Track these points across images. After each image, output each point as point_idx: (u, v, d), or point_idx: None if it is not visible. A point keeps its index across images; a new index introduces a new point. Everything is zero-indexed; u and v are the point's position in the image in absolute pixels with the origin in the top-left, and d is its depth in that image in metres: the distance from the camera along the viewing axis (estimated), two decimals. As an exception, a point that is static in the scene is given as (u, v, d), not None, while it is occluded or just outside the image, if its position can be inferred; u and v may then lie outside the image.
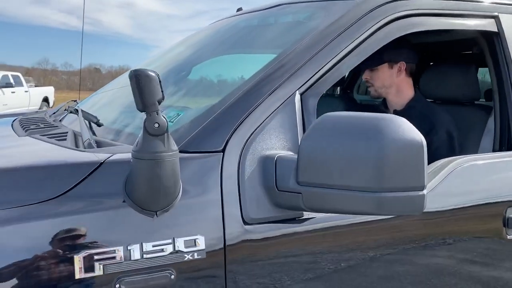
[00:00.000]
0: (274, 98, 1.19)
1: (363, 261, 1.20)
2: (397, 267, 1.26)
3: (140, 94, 0.91)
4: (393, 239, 1.25)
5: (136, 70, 0.91)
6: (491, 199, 1.41)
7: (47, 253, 0.90)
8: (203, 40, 2.01)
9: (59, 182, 0.96)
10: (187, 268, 1.00)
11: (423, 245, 1.29)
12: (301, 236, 1.14)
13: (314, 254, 1.15)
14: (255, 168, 1.11)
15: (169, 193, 0.97)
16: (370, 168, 0.95)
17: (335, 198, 0.99)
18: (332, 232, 1.18)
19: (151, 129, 0.92)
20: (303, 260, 1.14)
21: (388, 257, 1.24)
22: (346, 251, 1.19)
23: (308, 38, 1.30)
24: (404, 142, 0.94)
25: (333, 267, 1.18)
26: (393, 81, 1.86)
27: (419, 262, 1.29)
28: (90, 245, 0.93)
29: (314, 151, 1.00)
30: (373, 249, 1.22)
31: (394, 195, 0.95)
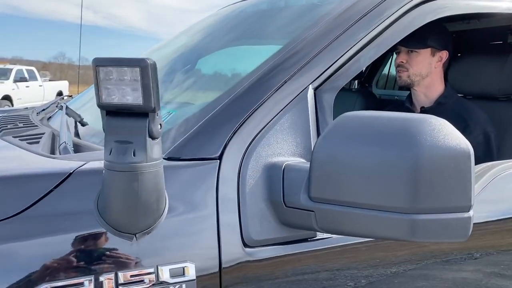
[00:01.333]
0: (283, 94, 0.99)
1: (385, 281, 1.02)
2: (420, 282, 1.08)
3: (153, 88, 0.71)
4: (414, 254, 1.06)
5: (147, 58, 0.72)
6: None
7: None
8: (210, 29, 1.81)
9: (14, 199, 0.78)
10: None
11: (447, 260, 1.12)
12: (314, 258, 0.95)
13: (329, 278, 0.96)
14: (258, 179, 0.92)
15: (150, 212, 0.79)
16: (401, 183, 0.75)
17: (356, 219, 0.80)
18: (350, 248, 0.99)
19: (156, 132, 0.73)
20: (316, 285, 0.95)
21: (411, 272, 1.05)
22: (365, 268, 1.00)
23: (323, 24, 1.10)
24: (445, 150, 0.74)
25: (352, 287, 0.99)
26: (430, 71, 1.64)
27: (444, 277, 1.11)
28: (51, 276, 0.75)
29: (330, 159, 0.81)
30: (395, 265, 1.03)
31: (432, 217, 0.75)
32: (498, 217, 1.19)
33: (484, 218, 1.16)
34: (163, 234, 0.82)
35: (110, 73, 0.72)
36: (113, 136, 0.76)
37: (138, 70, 0.70)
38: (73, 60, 54.35)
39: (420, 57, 1.64)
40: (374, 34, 1.10)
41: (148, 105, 0.71)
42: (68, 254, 0.77)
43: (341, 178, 0.80)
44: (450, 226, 0.75)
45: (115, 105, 0.74)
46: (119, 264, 0.79)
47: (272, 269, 0.91)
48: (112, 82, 0.72)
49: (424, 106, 1.68)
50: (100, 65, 0.72)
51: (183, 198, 0.87)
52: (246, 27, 1.62)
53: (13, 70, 14.55)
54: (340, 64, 1.05)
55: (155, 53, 1.86)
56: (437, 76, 1.66)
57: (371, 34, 1.10)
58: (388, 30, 1.12)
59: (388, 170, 0.76)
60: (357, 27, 1.10)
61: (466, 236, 0.76)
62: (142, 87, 0.70)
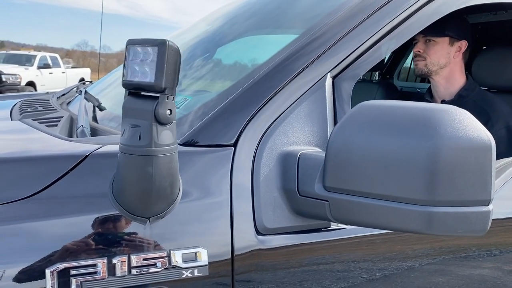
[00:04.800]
0: (300, 82, 0.98)
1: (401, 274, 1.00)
2: (437, 277, 1.06)
3: (165, 70, 0.71)
4: (432, 248, 1.04)
5: (167, 40, 0.72)
6: None
7: (11, 265, 0.73)
8: (229, 16, 1.79)
9: (31, 180, 0.79)
10: (185, 287, 0.82)
11: (465, 256, 1.10)
12: (328, 248, 0.94)
13: (343, 269, 0.95)
14: (273, 167, 0.91)
15: (164, 196, 0.79)
16: (419, 174, 0.73)
17: (371, 210, 0.78)
18: (366, 240, 0.97)
19: (164, 116, 0.73)
20: (329, 276, 0.94)
21: (427, 267, 1.04)
22: (381, 261, 0.98)
23: (344, 11, 1.07)
24: (466, 142, 0.72)
25: (366, 279, 0.98)
26: (449, 61, 1.60)
27: (461, 273, 1.10)
28: (65, 257, 0.76)
29: (347, 148, 0.79)
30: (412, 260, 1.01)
31: (450, 210, 0.73)
32: None
33: (505, 215, 1.13)
34: (176, 219, 0.82)
35: (137, 54, 0.73)
36: (129, 119, 0.76)
37: (156, 48, 0.70)
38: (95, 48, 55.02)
39: (438, 46, 1.59)
40: (396, 22, 1.08)
41: (158, 84, 0.71)
42: (82, 236, 0.78)
43: (357, 168, 0.78)
44: (468, 220, 0.73)
45: (135, 84, 0.74)
46: (132, 247, 0.79)
47: (285, 257, 0.90)
48: (137, 62, 0.73)
49: (445, 99, 1.64)
50: (130, 44, 0.73)
51: (197, 183, 0.86)
52: (265, 14, 1.60)
53: (37, 57, 14.82)
54: (360, 52, 1.03)
55: (174, 40, 1.85)
56: (457, 68, 1.62)
57: (393, 22, 1.07)
58: (411, 19, 1.09)
59: (405, 160, 0.74)
60: (379, 15, 1.07)
61: (484, 230, 0.74)
62: (156, 64, 0.70)
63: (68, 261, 0.76)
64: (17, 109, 1.34)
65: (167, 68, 0.70)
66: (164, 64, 0.70)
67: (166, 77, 0.70)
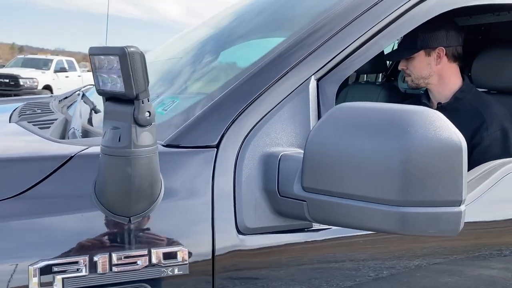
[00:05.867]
0: (284, 84, 0.99)
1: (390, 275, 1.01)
2: (445, 278, 1.07)
3: (133, 76, 0.73)
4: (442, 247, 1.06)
5: (128, 46, 0.74)
6: None
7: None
8: (228, 20, 1.81)
9: (17, 180, 0.82)
10: (165, 285, 0.84)
11: (471, 256, 1.10)
12: (310, 248, 0.95)
13: (326, 269, 0.96)
14: (255, 168, 0.93)
15: (144, 196, 0.81)
16: (392, 175, 0.74)
17: (346, 210, 0.79)
18: (349, 241, 0.98)
19: (143, 119, 0.75)
20: (311, 276, 0.95)
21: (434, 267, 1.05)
22: (365, 261, 0.99)
23: (329, 14, 1.08)
24: (437, 143, 0.72)
25: (351, 280, 0.98)
26: (432, 70, 1.60)
27: (469, 273, 1.11)
28: (48, 254, 0.78)
29: (323, 149, 0.80)
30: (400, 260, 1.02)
31: (422, 210, 0.74)
32: None
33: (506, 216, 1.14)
34: (158, 218, 0.85)
35: (102, 62, 0.75)
36: (109, 121, 0.79)
37: (118, 58, 0.72)
38: (112, 51, 55.41)
39: (416, 61, 1.62)
40: (383, 24, 1.08)
41: (129, 92, 0.73)
42: (64, 234, 0.80)
43: (333, 169, 0.79)
44: (440, 220, 0.74)
45: (108, 92, 0.76)
46: (113, 245, 0.82)
47: (266, 257, 0.91)
48: (104, 70, 0.75)
49: (441, 101, 1.63)
50: (93, 54, 0.75)
51: (179, 184, 0.88)
52: (264, 19, 1.61)
53: (53, 61, 15.10)
54: (344, 56, 1.04)
55: (178, 42, 1.88)
56: (447, 72, 1.62)
57: (380, 24, 1.08)
58: (393, 24, 1.10)
59: (378, 161, 0.75)
60: (363, 19, 1.08)
61: (456, 231, 0.74)
62: (122, 75, 0.72)
63: (50, 258, 0.78)
64: (17, 112, 1.38)
65: (133, 75, 0.71)
66: (129, 72, 0.71)
67: (135, 84, 0.72)
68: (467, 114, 1.53)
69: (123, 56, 0.71)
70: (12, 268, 0.77)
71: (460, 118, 1.55)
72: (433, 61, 1.60)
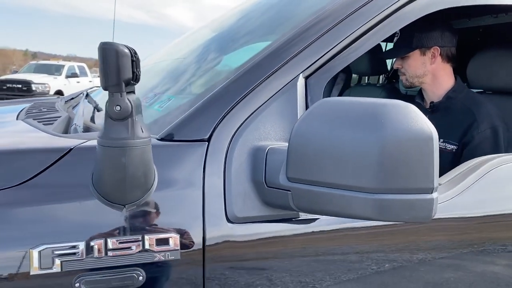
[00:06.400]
0: (273, 82, 1.04)
1: (366, 266, 1.05)
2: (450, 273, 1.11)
3: (103, 70, 0.79)
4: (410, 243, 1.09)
5: (104, 43, 0.80)
6: None
7: (1, 245, 0.82)
8: (228, 23, 1.87)
9: (20, 169, 0.88)
10: (158, 270, 0.89)
11: (481, 250, 1.15)
12: (297, 238, 1.00)
13: (313, 258, 1.01)
14: (244, 160, 0.98)
15: (138, 185, 0.87)
16: (369, 165, 0.78)
17: (328, 198, 0.84)
18: (337, 234, 1.03)
19: (113, 112, 0.81)
20: (299, 265, 1.00)
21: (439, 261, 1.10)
22: (348, 254, 1.03)
23: (318, 15, 1.13)
24: (409, 133, 0.77)
25: (340, 275, 1.03)
26: (426, 69, 1.64)
27: (474, 269, 1.15)
28: (49, 239, 0.84)
29: (306, 141, 0.85)
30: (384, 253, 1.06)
31: (397, 197, 0.78)
32: None
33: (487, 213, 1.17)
34: (151, 206, 0.90)
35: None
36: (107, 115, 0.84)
37: (100, 52, 0.78)
38: (123, 57, 55.92)
39: (411, 60, 1.65)
40: (370, 25, 1.13)
41: (102, 84, 0.79)
42: (64, 220, 0.86)
43: (315, 160, 0.84)
44: (414, 206, 0.78)
45: (103, 86, 0.82)
46: (109, 231, 0.87)
47: (253, 244, 0.96)
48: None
49: (433, 101, 1.67)
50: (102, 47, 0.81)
51: (172, 175, 0.94)
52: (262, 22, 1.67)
53: (65, 66, 15.35)
54: (332, 55, 1.09)
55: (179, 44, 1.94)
56: (440, 72, 1.65)
57: (367, 24, 1.13)
58: (378, 26, 1.14)
59: (357, 151, 0.79)
60: (354, 17, 1.13)
61: (429, 217, 0.79)
62: (99, 67, 0.78)
63: (51, 242, 0.84)
64: (24, 111, 1.45)
65: (104, 68, 0.77)
66: (102, 65, 0.77)
67: (106, 77, 0.78)
68: (459, 113, 1.57)
69: (99, 50, 0.77)
70: (14, 251, 0.83)
71: (452, 116, 1.59)
72: (428, 60, 1.64)
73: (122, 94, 0.81)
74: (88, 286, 0.85)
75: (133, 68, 0.82)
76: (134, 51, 0.83)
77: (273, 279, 0.98)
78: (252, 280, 0.96)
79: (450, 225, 1.11)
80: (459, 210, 1.12)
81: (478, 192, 1.13)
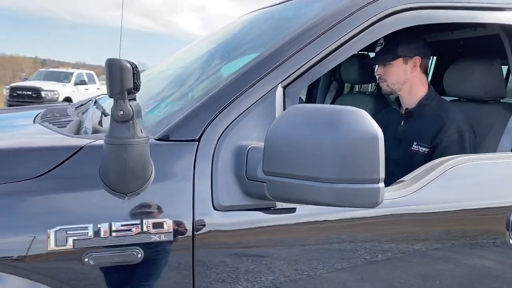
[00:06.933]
0: (255, 91, 1.21)
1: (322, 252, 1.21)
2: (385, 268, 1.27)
3: (109, 81, 0.97)
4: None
5: (110, 59, 0.97)
6: (490, 202, 1.34)
7: (21, 225, 1.00)
8: (226, 36, 2.05)
9: (41, 163, 1.05)
10: (154, 248, 1.06)
11: (474, 243, 1.30)
12: (272, 226, 1.16)
13: (286, 245, 1.17)
14: (229, 157, 1.14)
15: (137, 177, 1.04)
16: (328, 160, 0.95)
17: (296, 188, 1.00)
18: (312, 226, 1.19)
19: (117, 116, 0.99)
20: (275, 251, 1.16)
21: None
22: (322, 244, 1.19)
23: (295, 33, 1.30)
24: (359, 134, 0.93)
25: (318, 264, 1.18)
26: (407, 77, 1.80)
27: (466, 262, 1.30)
28: (63, 221, 1.01)
29: (279, 141, 1.02)
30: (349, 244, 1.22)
31: (350, 187, 0.95)
32: None
33: (443, 208, 1.31)
34: (149, 196, 1.07)
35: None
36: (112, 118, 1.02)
37: (106, 67, 0.96)
38: (130, 65, 56.60)
39: (394, 67, 1.80)
40: (342, 41, 1.30)
41: (108, 93, 0.97)
42: (76, 206, 1.03)
43: (286, 155, 1.01)
44: (364, 194, 0.95)
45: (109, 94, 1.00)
46: (113, 216, 1.04)
47: (236, 229, 1.12)
48: None
49: (408, 107, 1.83)
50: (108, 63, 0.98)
51: (167, 169, 1.11)
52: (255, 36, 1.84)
53: (74, 74, 15.67)
54: (306, 68, 1.25)
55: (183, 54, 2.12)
56: (417, 81, 1.81)
57: (340, 40, 1.29)
58: (356, 38, 1.31)
59: (318, 149, 0.96)
60: (327, 35, 1.29)
61: (376, 203, 0.95)
62: (106, 78, 0.96)
63: (65, 224, 1.01)
64: (40, 115, 1.63)
65: (111, 79, 0.95)
66: (108, 77, 0.95)
67: (112, 87, 0.96)
68: (430, 118, 1.73)
69: (106, 65, 0.95)
70: (35, 231, 1.00)
71: (424, 122, 1.75)
72: (409, 69, 1.80)
73: (125, 101, 0.99)
74: (95, 261, 1.02)
75: (134, 80, 0.99)
76: (135, 65, 1.01)
77: (251, 258, 1.14)
78: (234, 258, 1.12)
79: (411, 217, 1.27)
80: (420, 205, 1.27)
81: (436, 188, 1.29)
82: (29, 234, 1.00)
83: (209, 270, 1.10)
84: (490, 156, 1.49)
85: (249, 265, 1.14)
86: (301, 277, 1.18)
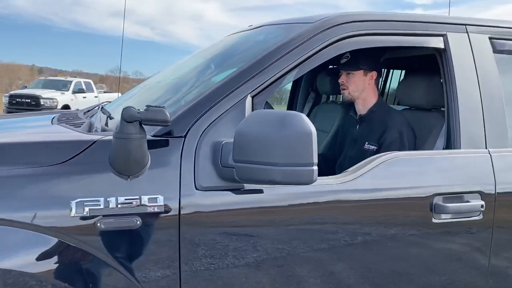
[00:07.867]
0: (230, 99, 1.56)
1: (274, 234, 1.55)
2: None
3: None
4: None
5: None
6: (418, 189, 1.69)
7: (51, 197, 1.34)
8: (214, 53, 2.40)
9: (64, 153, 1.40)
10: (149, 217, 1.41)
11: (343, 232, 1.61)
12: (242, 204, 1.50)
13: (256, 222, 1.52)
14: (208, 150, 1.49)
15: (138, 163, 1.38)
16: (278, 149, 1.31)
17: (256, 171, 1.36)
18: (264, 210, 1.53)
19: (127, 117, 1.34)
20: (246, 224, 1.50)
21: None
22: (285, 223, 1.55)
23: (263, 54, 1.66)
24: (299, 131, 1.29)
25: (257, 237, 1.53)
26: (364, 87, 2.16)
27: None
28: (81, 195, 1.36)
29: (244, 136, 1.37)
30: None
31: (293, 169, 1.30)
32: None
33: (375, 197, 1.66)
34: (146, 178, 1.41)
35: None
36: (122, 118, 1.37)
37: None
38: (128, 73, 57.10)
39: (356, 77, 2.16)
40: (300, 60, 1.66)
41: None
42: (91, 185, 1.38)
43: (249, 147, 1.36)
44: (302, 174, 1.30)
45: None
46: (119, 192, 1.39)
47: (212, 203, 1.47)
48: None
49: (361, 113, 2.20)
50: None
51: (160, 158, 1.46)
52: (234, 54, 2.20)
53: (72, 82, 16.04)
54: (271, 82, 1.61)
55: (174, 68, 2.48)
56: (371, 91, 2.18)
57: (298, 60, 1.65)
58: (311, 59, 1.67)
59: (271, 141, 1.31)
60: (288, 56, 1.65)
61: (311, 181, 1.30)
62: None
63: (82, 197, 1.35)
64: (56, 118, 1.99)
65: None
66: None
67: None
68: (378, 122, 2.09)
69: None
70: (61, 202, 1.34)
71: (373, 125, 2.11)
72: (367, 80, 2.17)
73: (133, 108, 1.34)
74: (105, 225, 1.36)
75: None
76: None
77: (227, 229, 1.48)
78: (211, 227, 1.46)
79: (349, 203, 1.62)
80: (354, 193, 1.62)
81: (369, 178, 1.64)
82: (57, 204, 1.34)
83: (191, 231, 1.44)
84: (422, 153, 1.84)
85: (224, 235, 1.48)
86: (255, 253, 1.53)
